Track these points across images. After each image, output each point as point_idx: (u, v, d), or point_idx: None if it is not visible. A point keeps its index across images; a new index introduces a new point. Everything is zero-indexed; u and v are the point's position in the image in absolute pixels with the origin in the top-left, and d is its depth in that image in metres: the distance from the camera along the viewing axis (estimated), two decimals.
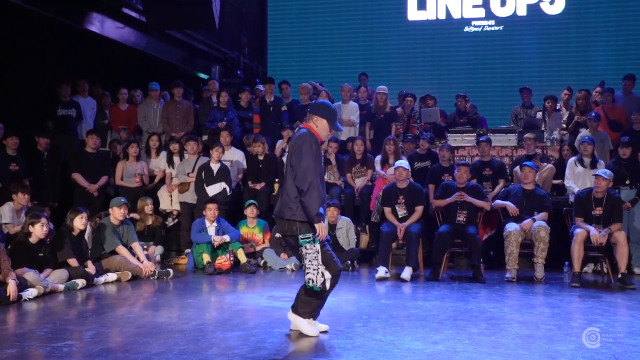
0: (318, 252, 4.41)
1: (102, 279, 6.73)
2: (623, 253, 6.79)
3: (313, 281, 4.39)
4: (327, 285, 4.42)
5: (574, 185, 7.97)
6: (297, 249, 4.49)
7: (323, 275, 4.39)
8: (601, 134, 8.88)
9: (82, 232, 6.87)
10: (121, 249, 7.12)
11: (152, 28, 10.57)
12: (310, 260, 4.39)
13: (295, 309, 4.55)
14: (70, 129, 9.47)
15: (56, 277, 6.26)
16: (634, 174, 7.92)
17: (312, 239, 4.40)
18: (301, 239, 4.40)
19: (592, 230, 6.93)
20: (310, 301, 4.48)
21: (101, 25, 9.95)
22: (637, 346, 4.22)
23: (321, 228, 4.39)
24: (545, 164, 8.61)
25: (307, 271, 4.41)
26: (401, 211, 7.56)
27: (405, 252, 7.40)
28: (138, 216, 8.31)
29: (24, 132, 8.47)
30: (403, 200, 7.56)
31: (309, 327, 4.49)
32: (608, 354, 4.04)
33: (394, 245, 7.59)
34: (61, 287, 6.15)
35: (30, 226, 6.27)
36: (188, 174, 8.82)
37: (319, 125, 4.54)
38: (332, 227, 7.96)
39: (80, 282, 6.36)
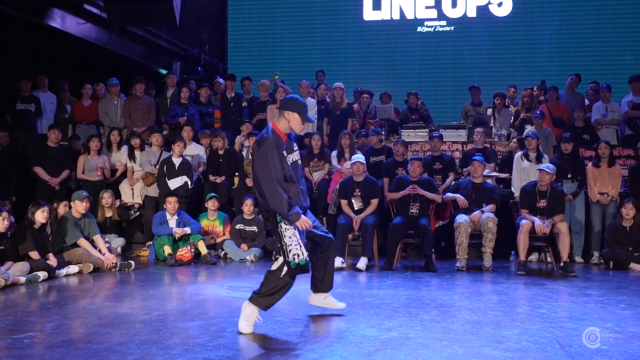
0: (295, 229, 4.30)
1: (63, 271, 6.66)
2: (565, 243, 7.03)
3: (299, 255, 4.24)
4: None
5: (513, 184, 8.29)
6: (275, 228, 4.36)
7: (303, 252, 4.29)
8: (545, 130, 9.14)
9: (44, 225, 6.80)
10: (83, 242, 7.08)
11: (113, 24, 10.52)
12: (289, 237, 4.28)
13: (254, 298, 4.31)
14: (29, 123, 9.39)
15: (17, 270, 6.21)
16: (576, 168, 8.22)
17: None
18: (279, 215, 4.31)
19: (537, 221, 7.12)
20: (278, 286, 4.29)
21: (62, 21, 9.87)
22: (578, 330, 4.33)
23: (302, 223, 4.30)
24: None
25: (289, 249, 4.25)
26: (357, 204, 7.67)
27: (361, 243, 7.51)
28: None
29: None
30: (359, 193, 7.68)
31: (249, 321, 4.27)
32: (550, 337, 4.16)
33: (350, 236, 7.76)
34: (22, 279, 6.10)
35: None
36: (155, 165, 8.84)
37: (292, 119, 4.39)
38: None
39: (42, 275, 6.32)
